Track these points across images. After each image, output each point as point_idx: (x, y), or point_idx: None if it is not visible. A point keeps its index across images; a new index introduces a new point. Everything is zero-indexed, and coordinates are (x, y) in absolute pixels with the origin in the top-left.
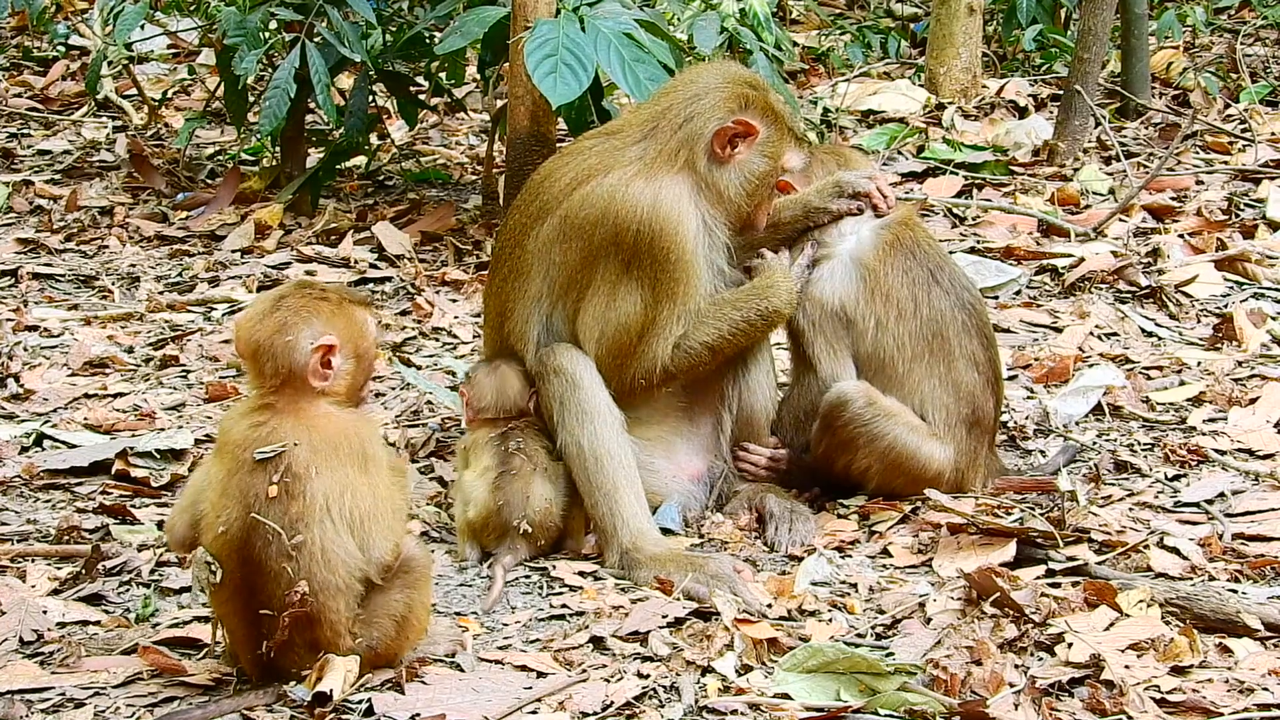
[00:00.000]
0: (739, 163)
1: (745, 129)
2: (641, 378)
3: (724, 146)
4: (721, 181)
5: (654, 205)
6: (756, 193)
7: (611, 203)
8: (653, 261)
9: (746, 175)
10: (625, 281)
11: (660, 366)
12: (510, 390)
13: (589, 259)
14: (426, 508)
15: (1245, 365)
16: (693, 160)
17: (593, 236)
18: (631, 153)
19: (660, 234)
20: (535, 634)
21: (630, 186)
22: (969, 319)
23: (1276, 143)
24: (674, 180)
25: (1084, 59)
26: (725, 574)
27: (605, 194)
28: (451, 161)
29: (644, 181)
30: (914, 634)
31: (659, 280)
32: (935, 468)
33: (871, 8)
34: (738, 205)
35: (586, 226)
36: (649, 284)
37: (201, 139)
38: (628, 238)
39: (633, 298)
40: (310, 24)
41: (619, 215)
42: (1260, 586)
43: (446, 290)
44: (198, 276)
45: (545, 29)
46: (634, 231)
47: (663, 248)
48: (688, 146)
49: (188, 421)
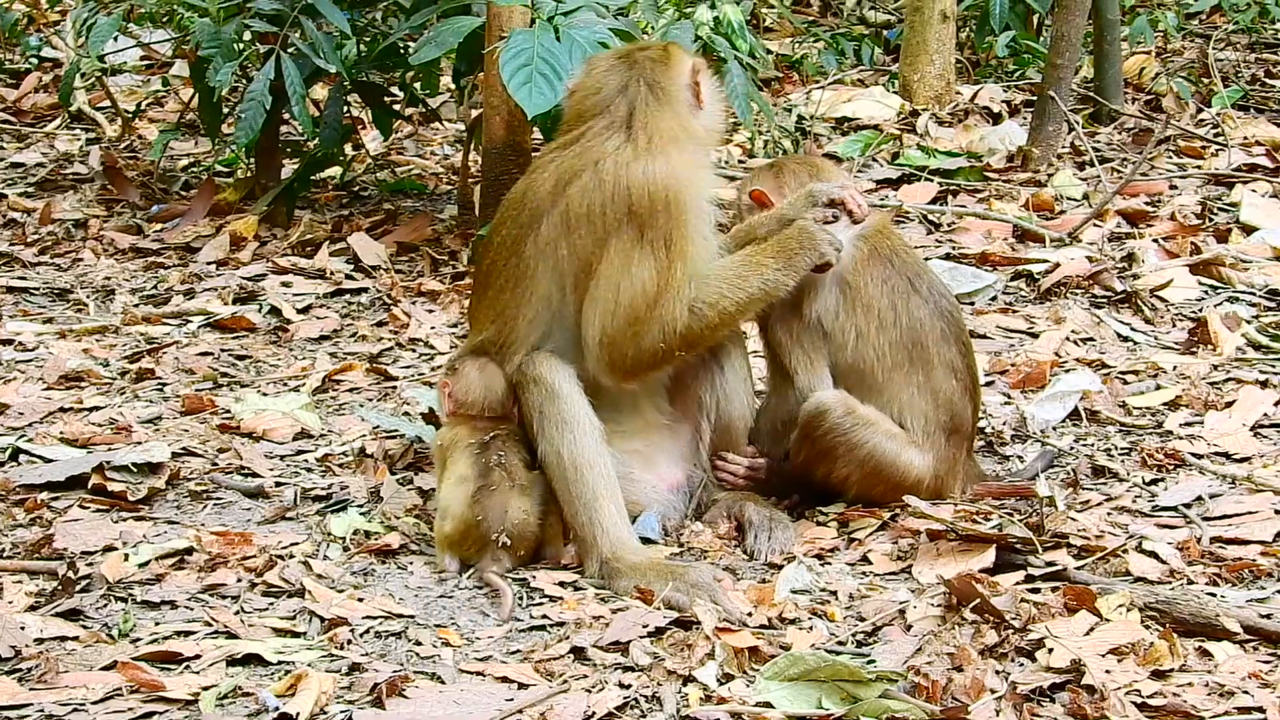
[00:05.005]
0: (709, 98)
1: (698, 68)
2: (661, 343)
3: (696, 93)
4: (708, 121)
5: (667, 169)
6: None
7: (618, 182)
8: (669, 222)
9: (717, 99)
10: (639, 249)
11: (678, 330)
12: (497, 388)
13: (602, 239)
14: (405, 519)
15: (1221, 369)
16: (683, 121)
17: (604, 218)
18: (615, 139)
19: (675, 193)
20: (516, 645)
21: (633, 165)
22: (947, 327)
23: (1249, 147)
24: (674, 145)
25: (1057, 65)
26: (705, 583)
27: (609, 178)
28: (427, 172)
29: (648, 157)
30: (895, 641)
31: (673, 240)
32: (914, 475)
33: (845, 15)
34: (720, 132)
35: (594, 211)
36: (664, 246)
37: (175, 151)
38: (643, 205)
39: (649, 263)
40: (285, 35)
41: (631, 190)
42: (1239, 589)
43: (423, 301)
44: (173, 289)
45: (520, 39)
46: (649, 196)
47: (679, 205)
48: (672, 109)
49: (164, 435)
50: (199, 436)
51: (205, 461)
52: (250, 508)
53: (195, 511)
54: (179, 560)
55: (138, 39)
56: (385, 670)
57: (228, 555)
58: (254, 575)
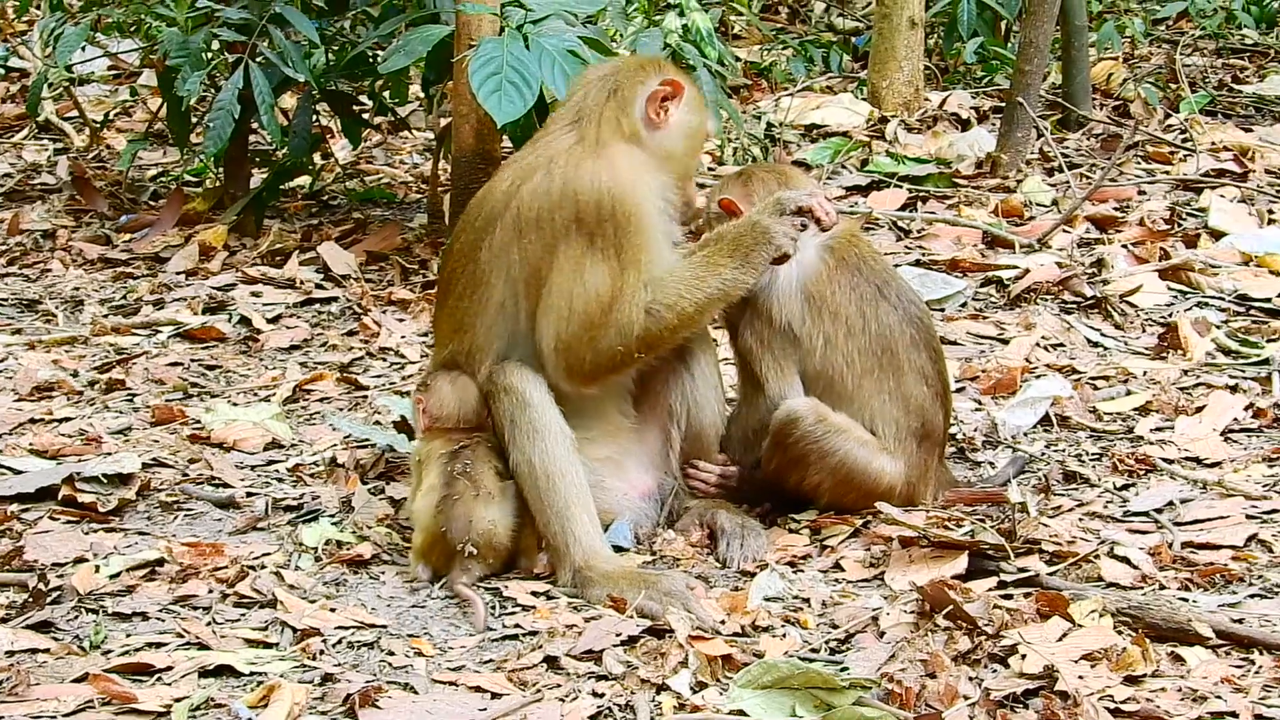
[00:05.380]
0: (675, 122)
1: (673, 87)
2: (619, 346)
3: (658, 111)
4: (667, 143)
5: (611, 175)
6: (696, 148)
7: (566, 185)
8: (616, 228)
9: (686, 131)
10: (590, 255)
11: (635, 334)
12: (471, 399)
13: (550, 245)
14: (377, 529)
15: (1191, 374)
16: (634, 129)
17: (552, 223)
18: (567, 140)
19: (621, 200)
20: (489, 654)
21: (580, 166)
22: (917, 333)
23: (1217, 152)
24: (620, 150)
25: (1025, 71)
26: (678, 591)
27: (558, 179)
28: (396, 180)
29: (593, 159)
30: (868, 648)
31: (623, 246)
32: (886, 481)
33: (813, 22)
34: (684, 163)
35: (544, 215)
36: (614, 252)
37: (144, 160)
38: (589, 212)
39: (601, 269)
40: (253, 44)
41: (577, 193)
42: (1211, 594)
43: (393, 310)
44: (142, 299)
45: (489, 47)
46: (595, 204)
47: (625, 213)
48: (625, 116)
49: (135, 445)
50: (169, 447)
51: (176, 472)
52: (221, 518)
53: (166, 522)
54: (150, 571)
55: (105, 49)
56: (358, 681)
57: (199, 566)
58: (225, 586)
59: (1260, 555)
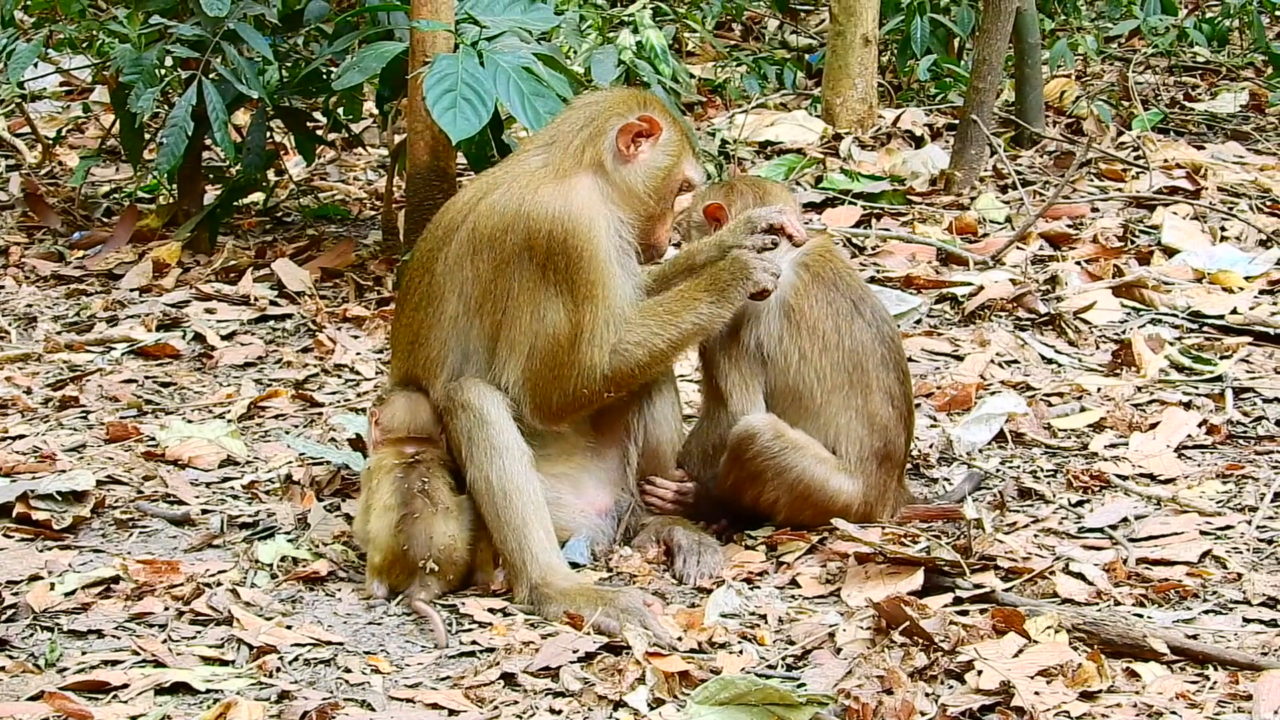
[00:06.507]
0: (644, 161)
1: (649, 125)
2: (584, 388)
3: (629, 144)
4: (630, 179)
5: (565, 206)
6: (661, 191)
7: (521, 207)
8: (568, 263)
9: (653, 171)
10: (544, 289)
11: (600, 374)
12: (424, 411)
13: (501, 269)
14: (333, 546)
15: (1144, 391)
16: (599, 159)
17: (504, 244)
18: (534, 161)
19: (573, 234)
20: (446, 671)
21: (539, 191)
22: (888, 353)
23: (1169, 169)
24: (582, 181)
25: (979, 89)
26: (635, 608)
27: (514, 200)
28: (350, 197)
29: (553, 185)
30: (824, 664)
31: (576, 283)
32: (843, 500)
33: (767, 39)
34: (646, 204)
35: (496, 235)
36: (567, 287)
37: (97, 177)
38: (540, 241)
39: (555, 305)
40: (207, 61)
41: (530, 219)
42: (1165, 610)
43: (348, 326)
44: (96, 316)
45: (444, 64)
46: (546, 234)
47: (576, 248)
48: (593, 146)
49: (89, 463)
50: (124, 464)
51: (130, 489)
52: (177, 535)
53: (121, 540)
54: (105, 589)
55: (58, 65)
56: (315, 698)
57: (154, 583)
58: (181, 603)
59: (1214, 571)
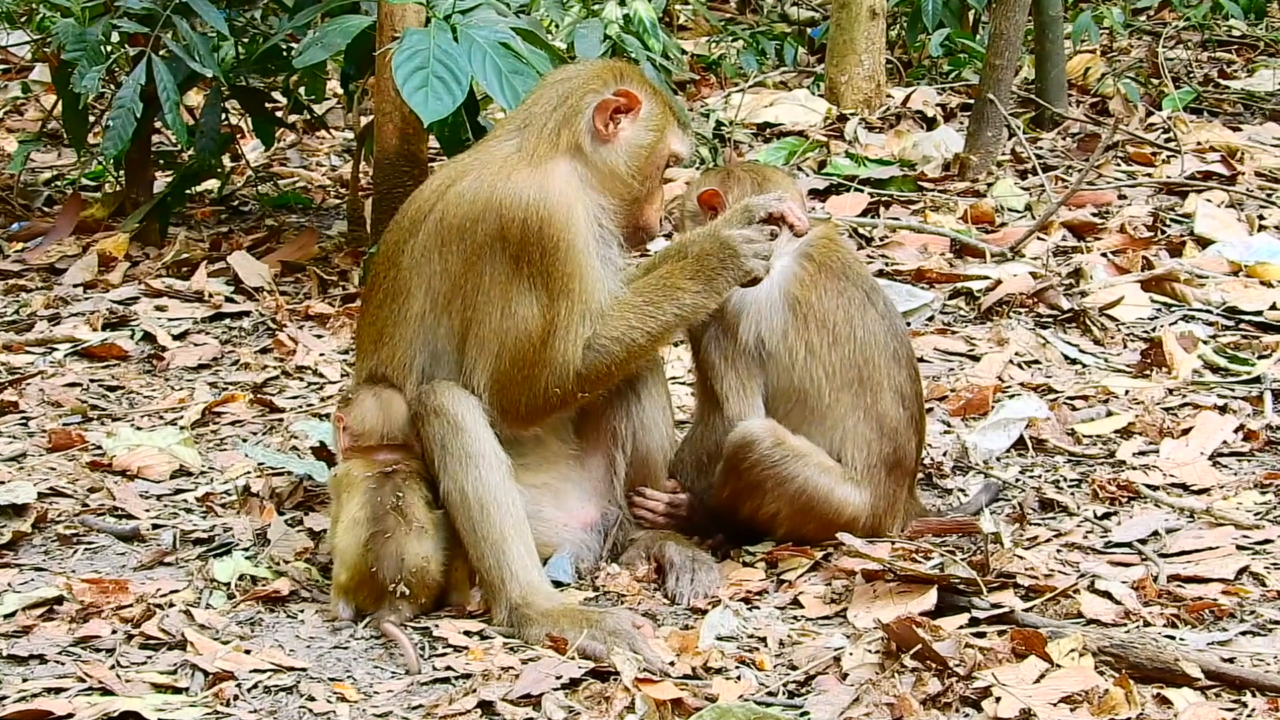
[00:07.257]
0: (624, 139)
1: (627, 99)
2: (555, 387)
3: (606, 123)
4: (611, 160)
5: (540, 193)
6: (646, 170)
7: (493, 195)
8: (543, 254)
9: (634, 150)
10: (516, 282)
11: (573, 372)
12: (397, 415)
13: (472, 261)
14: (295, 563)
15: (1176, 393)
16: (576, 141)
17: (474, 235)
18: (507, 146)
19: (549, 222)
20: (418, 699)
21: (512, 177)
22: (900, 348)
23: (1203, 153)
24: (558, 167)
25: (995, 65)
26: (624, 630)
27: (485, 187)
28: (312, 184)
29: (527, 170)
30: (829, 691)
31: (551, 275)
32: (850, 512)
33: (765, 12)
34: (630, 185)
35: (466, 225)
36: (542, 281)
37: (37, 163)
38: (514, 231)
39: (528, 299)
40: (156, 36)
41: (502, 207)
42: (1199, 631)
43: (311, 325)
44: (36, 314)
45: (415, 39)
46: (520, 223)
47: (552, 238)
48: (568, 127)
49: (30, 473)
50: (67, 475)
51: (75, 502)
52: (125, 552)
53: (65, 557)
54: (48, 610)
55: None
56: None
57: (101, 604)
58: (130, 626)
59: (1252, 589)
